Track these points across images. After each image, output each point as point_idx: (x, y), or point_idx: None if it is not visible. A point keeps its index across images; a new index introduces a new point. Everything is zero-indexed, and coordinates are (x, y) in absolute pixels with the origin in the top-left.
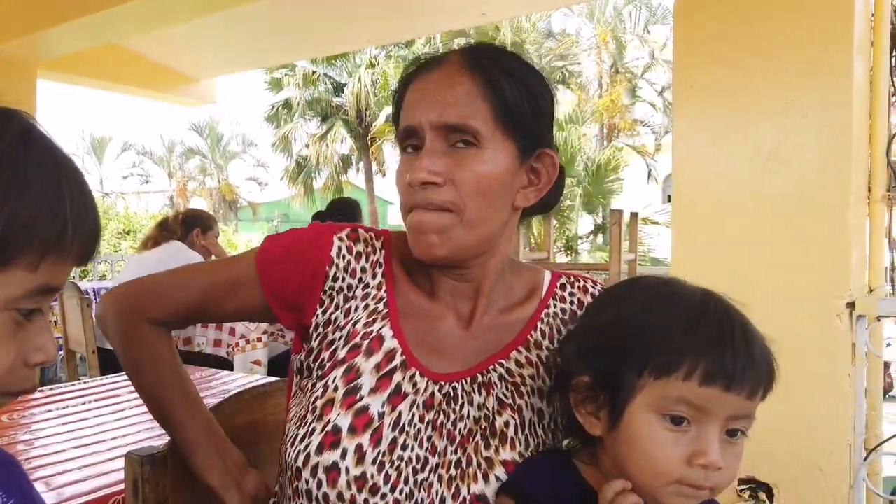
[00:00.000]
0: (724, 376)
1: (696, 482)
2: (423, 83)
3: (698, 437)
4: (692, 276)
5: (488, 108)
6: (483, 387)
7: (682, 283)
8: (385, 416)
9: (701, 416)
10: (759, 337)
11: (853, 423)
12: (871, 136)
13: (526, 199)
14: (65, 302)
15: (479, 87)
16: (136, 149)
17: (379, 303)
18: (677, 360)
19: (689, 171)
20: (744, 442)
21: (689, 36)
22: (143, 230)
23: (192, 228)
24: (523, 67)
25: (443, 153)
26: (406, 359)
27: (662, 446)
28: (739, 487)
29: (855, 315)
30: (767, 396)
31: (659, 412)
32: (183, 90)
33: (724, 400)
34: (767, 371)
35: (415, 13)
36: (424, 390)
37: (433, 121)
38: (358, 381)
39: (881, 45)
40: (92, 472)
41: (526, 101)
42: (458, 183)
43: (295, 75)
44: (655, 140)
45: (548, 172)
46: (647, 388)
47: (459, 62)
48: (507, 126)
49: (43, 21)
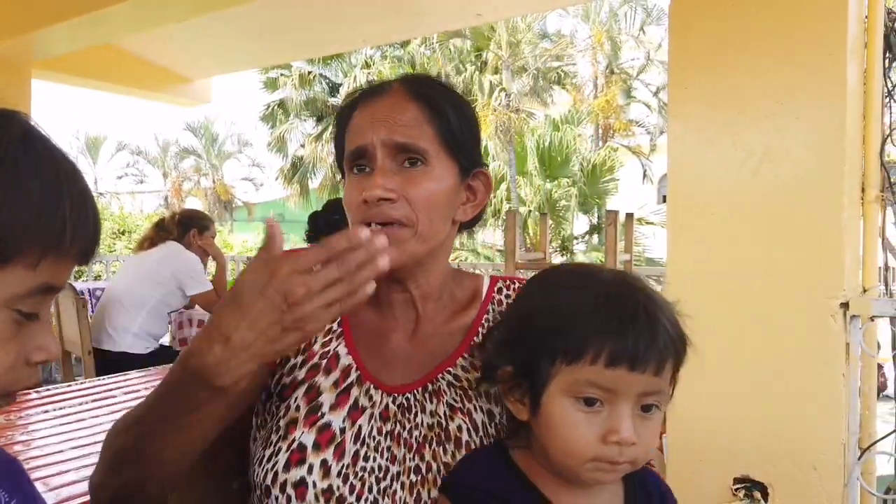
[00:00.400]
0: (627, 358)
1: (612, 458)
2: (370, 108)
3: (611, 416)
4: (687, 275)
5: (433, 131)
6: (434, 394)
7: (593, 268)
8: (346, 430)
9: (611, 397)
10: (664, 315)
11: (847, 423)
12: (864, 137)
13: (465, 214)
14: (60, 303)
15: (424, 113)
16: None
17: (333, 322)
18: (584, 346)
19: (684, 171)
20: (660, 415)
21: (684, 38)
22: (138, 230)
23: (188, 229)
24: (458, 98)
25: (394, 172)
26: (361, 374)
27: (577, 427)
28: (734, 486)
29: (849, 315)
30: (681, 368)
31: (572, 395)
32: (178, 90)
33: (631, 379)
34: (673, 347)
35: (410, 14)
36: (380, 403)
37: (384, 139)
38: (318, 400)
39: (875, 46)
40: (89, 473)
41: (465, 127)
42: (411, 199)
43: (290, 75)
44: (650, 140)
45: (483, 189)
46: (560, 373)
47: (403, 91)
48: (450, 147)
49: (37, 20)
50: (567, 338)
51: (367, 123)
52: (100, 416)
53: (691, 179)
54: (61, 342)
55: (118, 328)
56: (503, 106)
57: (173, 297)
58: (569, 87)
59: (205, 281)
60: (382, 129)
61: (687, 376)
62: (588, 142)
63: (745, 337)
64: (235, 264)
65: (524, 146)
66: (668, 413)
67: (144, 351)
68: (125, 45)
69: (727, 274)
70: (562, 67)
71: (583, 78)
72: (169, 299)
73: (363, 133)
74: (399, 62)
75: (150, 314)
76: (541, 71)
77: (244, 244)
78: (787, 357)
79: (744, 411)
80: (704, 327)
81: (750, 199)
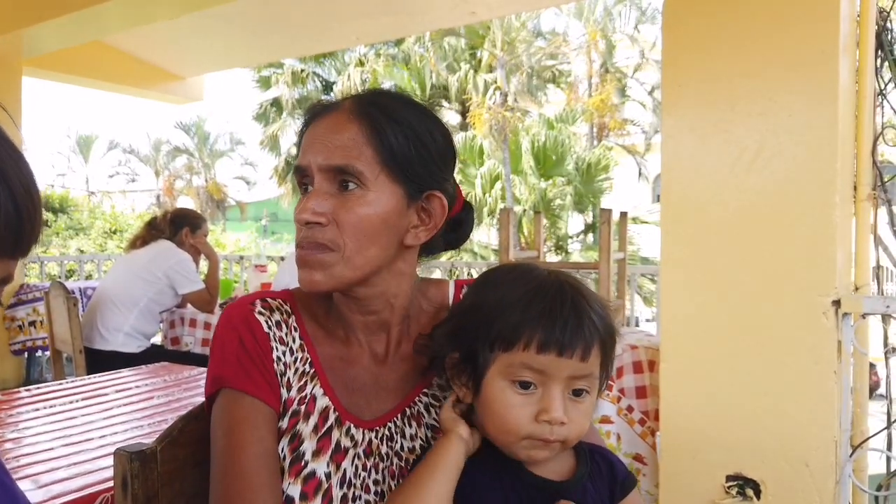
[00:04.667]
0: (555, 344)
1: (543, 436)
2: (315, 128)
3: (543, 397)
4: (680, 273)
5: (372, 152)
6: (413, 418)
7: (530, 266)
8: (332, 475)
9: (544, 379)
10: (590, 307)
11: (839, 420)
12: (856, 135)
13: (416, 237)
14: (51, 301)
15: (363, 134)
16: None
17: (305, 364)
18: (518, 334)
19: (678, 169)
20: (591, 399)
21: (678, 35)
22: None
23: (180, 228)
24: (413, 115)
25: (329, 194)
26: (339, 414)
27: (512, 407)
28: (727, 484)
29: (841, 313)
30: (609, 356)
31: (509, 378)
32: (170, 87)
33: (560, 364)
34: (598, 335)
35: (404, 12)
36: (362, 441)
37: (320, 163)
38: (301, 448)
39: (867, 45)
40: (80, 470)
41: (413, 147)
42: (341, 223)
43: (283, 73)
44: (645, 140)
45: (440, 212)
46: (498, 359)
47: (349, 109)
48: (392, 170)
49: (28, 17)
50: (503, 327)
51: (309, 143)
52: (91, 413)
53: (685, 176)
54: (52, 341)
55: (110, 327)
56: (498, 104)
57: (165, 296)
58: (563, 86)
59: (197, 279)
60: (319, 152)
61: (680, 373)
62: (583, 140)
63: (738, 334)
64: (228, 263)
65: (519, 145)
66: (661, 411)
67: (136, 350)
68: (117, 42)
69: (719, 270)
70: (556, 66)
71: (577, 76)
72: (161, 298)
73: (305, 153)
74: (393, 60)
75: (141, 313)
76: (535, 69)
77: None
78: (780, 354)
79: (736, 409)
80: (697, 324)
81: (743, 196)
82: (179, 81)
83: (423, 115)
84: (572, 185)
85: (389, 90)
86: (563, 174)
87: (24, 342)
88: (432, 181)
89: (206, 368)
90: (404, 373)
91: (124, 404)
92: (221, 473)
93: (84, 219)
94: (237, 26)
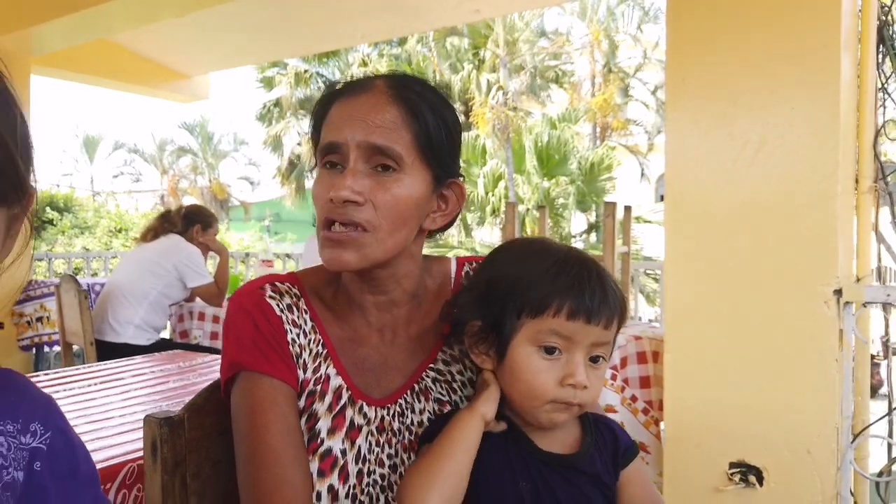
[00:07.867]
0: (584, 311)
1: (567, 399)
2: (350, 105)
3: (567, 362)
4: (684, 264)
5: (411, 136)
6: (421, 393)
7: (547, 241)
8: (347, 452)
9: (569, 345)
10: (611, 282)
11: (841, 408)
12: (858, 128)
13: (433, 222)
14: (62, 295)
15: (403, 117)
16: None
17: (318, 345)
18: (548, 301)
19: (682, 162)
20: (605, 366)
21: (682, 30)
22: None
23: (192, 224)
24: (442, 102)
25: (365, 174)
26: (352, 393)
27: (539, 372)
28: (730, 471)
29: (842, 302)
30: (622, 327)
31: (536, 344)
32: (176, 86)
33: (586, 330)
34: (619, 307)
35: (408, 10)
36: (375, 418)
37: (360, 140)
38: (317, 427)
39: (868, 39)
40: (104, 444)
41: (444, 135)
42: (378, 204)
43: (287, 74)
44: (648, 140)
45: (455, 200)
46: (525, 326)
47: (386, 90)
48: (425, 155)
49: (36, 16)
50: (533, 295)
51: (344, 120)
52: (110, 395)
53: (688, 169)
54: (63, 334)
55: (121, 320)
56: (500, 104)
57: (174, 289)
58: (566, 86)
59: (206, 273)
60: (359, 129)
61: (684, 363)
62: (586, 140)
63: (741, 323)
64: (234, 262)
65: (522, 144)
66: (665, 400)
67: (146, 342)
68: (124, 41)
69: (722, 261)
70: (559, 66)
71: (580, 76)
72: (170, 291)
73: (339, 129)
74: (396, 60)
75: (151, 306)
76: (538, 69)
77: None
78: (782, 344)
79: (739, 397)
80: (700, 313)
81: (746, 187)
82: (185, 80)
83: (448, 105)
84: (575, 184)
85: (415, 75)
86: (566, 174)
87: (33, 337)
88: (456, 169)
89: (220, 356)
90: (412, 351)
91: (141, 387)
92: (249, 453)
93: (89, 218)
94: (243, 24)
